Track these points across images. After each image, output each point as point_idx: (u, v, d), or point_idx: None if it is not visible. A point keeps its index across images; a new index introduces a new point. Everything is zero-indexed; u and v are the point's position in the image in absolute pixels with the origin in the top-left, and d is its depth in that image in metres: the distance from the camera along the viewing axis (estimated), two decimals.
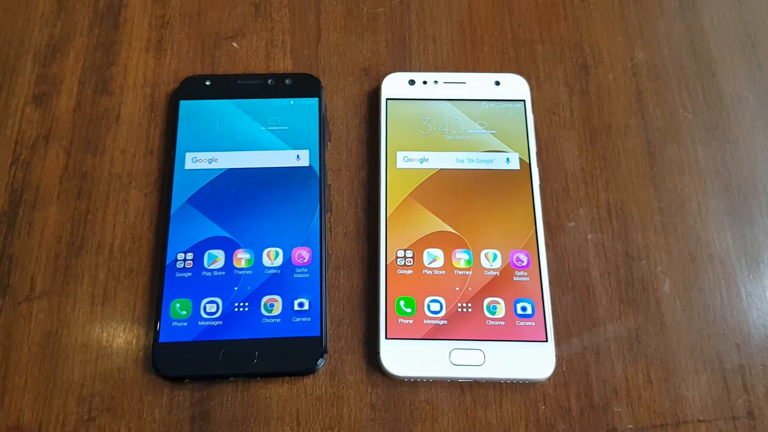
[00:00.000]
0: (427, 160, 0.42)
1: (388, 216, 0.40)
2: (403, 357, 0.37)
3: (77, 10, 0.47)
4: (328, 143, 0.43)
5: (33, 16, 0.47)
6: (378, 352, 0.37)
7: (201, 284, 0.38)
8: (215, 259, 0.39)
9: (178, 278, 0.38)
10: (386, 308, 0.38)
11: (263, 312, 0.38)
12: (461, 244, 0.39)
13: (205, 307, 0.38)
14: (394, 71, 0.44)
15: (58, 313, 0.39)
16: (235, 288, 0.38)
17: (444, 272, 0.39)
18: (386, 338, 0.37)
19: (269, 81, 0.44)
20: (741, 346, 0.39)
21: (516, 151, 0.42)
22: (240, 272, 0.39)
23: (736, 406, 0.37)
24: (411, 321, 0.38)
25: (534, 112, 0.44)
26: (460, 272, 0.39)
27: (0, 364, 0.38)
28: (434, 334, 0.37)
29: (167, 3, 0.47)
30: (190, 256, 0.39)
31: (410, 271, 0.39)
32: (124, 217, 0.41)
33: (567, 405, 0.37)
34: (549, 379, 0.37)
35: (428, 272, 0.39)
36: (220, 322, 0.38)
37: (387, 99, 0.43)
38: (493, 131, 0.42)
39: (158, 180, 0.42)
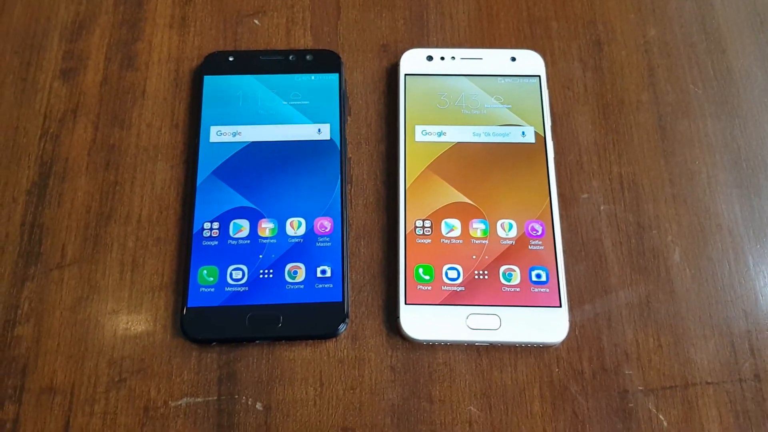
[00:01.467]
0: (444, 133, 0.43)
1: (407, 187, 0.41)
2: (421, 321, 0.38)
3: None
4: (348, 117, 0.45)
5: None
6: (398, 317, 0.38)
7: (227, 252, 0.40)
8: (240, 228, 0.40)
9: (205, 246, 0.40)
10: (405, 275, 0.39)
11: (287, 279, 0.39)
12: (478, 215, 0.41)
13: (231, 274, 0.39)
14: (412, 47, 0.45)
15: (88, 280, 0.40)
16: (260, 256, 0.40)
17: (461, 241, 0.40)
18: (405, 304, 0.39)
19: (290, 57, 0.45)
20: (748, 313, 0.40)
21: (531, 125, 0.43)
22: (264, 241, 0.40)
23: (743, 369, 0.39)
24: (429, 287, 0.39)
25: (549, 87, 0.45)
26: (476, 241, 0.40)
27: (33, 328, 0.39)
28: (452, 299, 0.39)
29: None
30: (216, 225, 0.40)
31: (428, 240, 0.40)
32: (151, 188, 0.43)
33: (580, 368, 0.39)
34: (562, 343, 0.39)
35: (446, 241, 0.40)
36: (246, 288, 0.39)
37: (405, 74, 0.44)
38: (509, 106, 0.44)
39: (184, 152, 0.43)
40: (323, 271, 0.39)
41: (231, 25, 0.47)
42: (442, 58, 0.45)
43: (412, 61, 0.45)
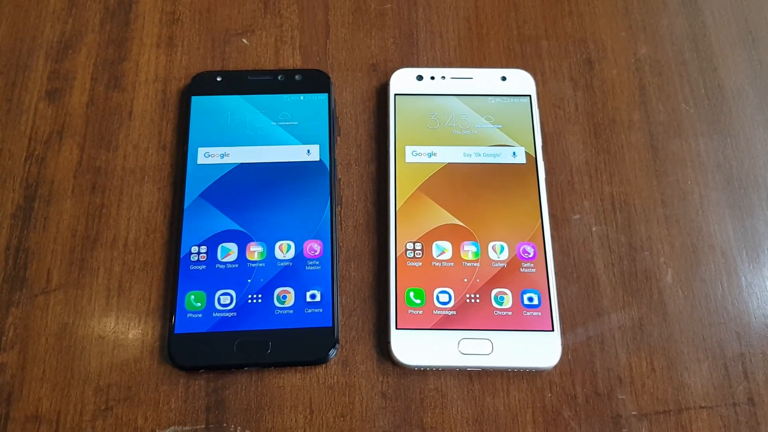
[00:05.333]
0: (435, 154, 0.42)
1: (397, 209, 0.41)
2: (413, 347, 0.38)
3: (88, 6, 0.48)
4: (338, 138, 0.44)
5: (44, 12, 0.47)
6: (388, 342, 0.38)
7: (215, 277, 0.39)
8: (228, 252, 0.40)
9: (193, 271, 0.39)
10: (396, 299, 0.39)
11: (276, 303, 0.39)
12: (469, 237, 0.40)
13: (219, 299, 0.39)
14: (402, 67, 0.45)
15: (74, 306, 0.40)
16: (249, 280, 0.39)
17: (452, 264, 0.40)
18: (396, 328, 0.38)
19: (279, 77, 0.45)
20: (741, 335, 0.40)
21: (522, 145, 0.43)
22: (253, 265, 0.40)
23: (737, 393, 0.38)
24: (420, 311, 0.39)
25: (539, 106, 0.45)
26: (468, 264, 0.40)
27: (18, 355, 0.38)
28: (443, 324, 0.38)
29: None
30: (203, 249, 0.40)
31: (419, 263, 0.40)
32: (138, 211, 0.42)
33: (573, 392, 0.38)
34: (555, 367, 0.38)
35: (437, 264, 0.40)
36: (234, 314, 0.38)
37: (395, 94, 0.44)
38: (499, 126, 0.43)
39: (171, 174, 0.43)
40: (313, 296, 0.39)
41: (219, 45, 0.47)
42: (432, 78, 0.44)
43: (401, 80, 0.44)
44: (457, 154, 0.42)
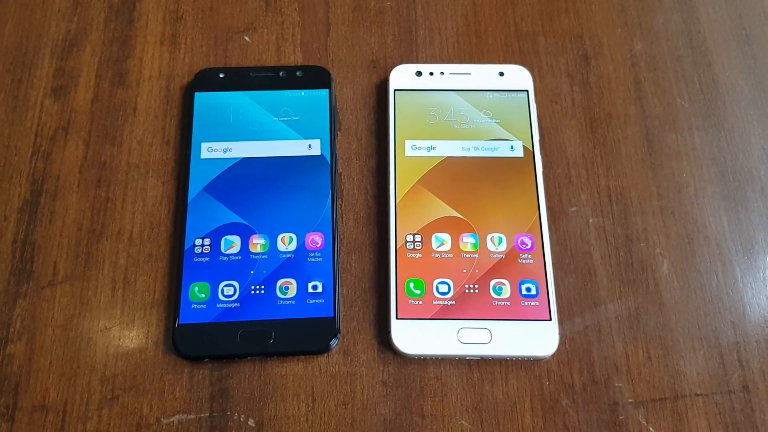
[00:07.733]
0: (434, 148, 0.43)
1: (397, 202, 0.42)
2: (413, 336, 0.38)
3: (93, 5, 0.48)
4: (339, 133, 0.45)
5: (50, 11, 0.48)
6: (389, 332, 0.39)
7: (218, 268, 0.40)
8: (232, 245, 0.41)
9: (197, 263, 0.40)
10: (396, 290, 0.39)
11: (279, 294, 0.39)
12: (468, 229, 0.41)
13: (222, 290, 0.39)
14: (402, 63, 0.46)
15: (80, 298, 0.40)
16: (252, 272, 0.40)
17: (451, 255, 0.40)
18: (397, 318, 0.39)
19: (281, 73, 0.45)
20: (736, 324, 0.40)
21: (520, 140, 0.43)
22: (256, 257, 0.40)
23: (732, 381, 0.39)
24: (420, 302, 0.39)
25: (537, 101, 0.45)
26: (467, 255, 0.40)
27: (25, 346, 0.39)
28: (443, 314, 0.39)
29: None
30: (207, 241, 0.41)
31: (419, 255, 0.40)
32: (142, 205, 0.43)
33: (570, 381, 0.39)
34: (553, 356, 0.39)
35: (436, 255, 0.40)
36: (238, 305, 0.39)
37: (395, 90, 0.45)
38: (497, 120, 0.44)
39: (175, 169, 0.44)
40: (314, 287, 0.40)
41: (221, 42, 0.47)
42: (431, 74, 0.45)
43: (401, 76, 0.45)
44: (456, 148, 0.43)
